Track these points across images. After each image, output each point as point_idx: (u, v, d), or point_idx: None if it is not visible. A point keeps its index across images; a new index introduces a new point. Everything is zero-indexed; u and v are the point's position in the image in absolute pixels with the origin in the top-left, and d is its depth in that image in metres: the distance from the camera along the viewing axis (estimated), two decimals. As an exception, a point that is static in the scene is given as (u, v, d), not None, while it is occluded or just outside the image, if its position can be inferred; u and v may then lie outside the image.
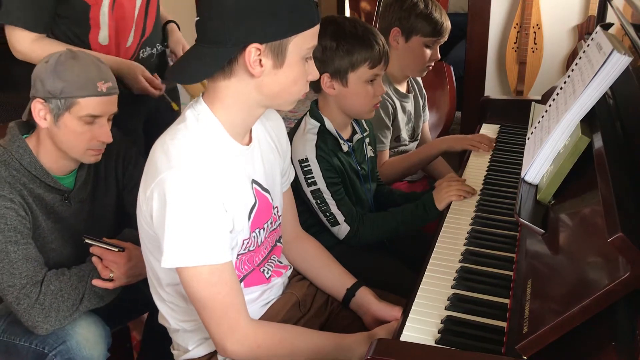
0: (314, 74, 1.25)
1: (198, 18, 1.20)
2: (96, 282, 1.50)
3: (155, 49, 1.97)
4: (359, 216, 1.70)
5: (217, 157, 1.22)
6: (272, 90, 1.21)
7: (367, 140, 1.84)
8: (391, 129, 2.12)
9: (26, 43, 1.74)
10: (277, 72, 1.19)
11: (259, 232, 1.34)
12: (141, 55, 1.92)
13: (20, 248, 1.45)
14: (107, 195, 1.69)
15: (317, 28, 1.21)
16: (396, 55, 2.13)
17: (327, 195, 1.66)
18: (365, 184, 1.80)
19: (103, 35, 1.83)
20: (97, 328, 1.53)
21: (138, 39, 1.90)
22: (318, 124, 1.69)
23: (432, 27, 2.07)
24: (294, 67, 1.20)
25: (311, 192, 1.66)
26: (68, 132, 1.49)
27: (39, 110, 1.48)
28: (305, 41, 1.19)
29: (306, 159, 1.65)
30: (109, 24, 1.82)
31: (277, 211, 1.41)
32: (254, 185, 1.31)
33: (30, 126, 1.57)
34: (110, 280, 1.51)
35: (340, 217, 1.68)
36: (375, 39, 1.64)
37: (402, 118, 2.17)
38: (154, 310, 1.42)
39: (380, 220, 1.72)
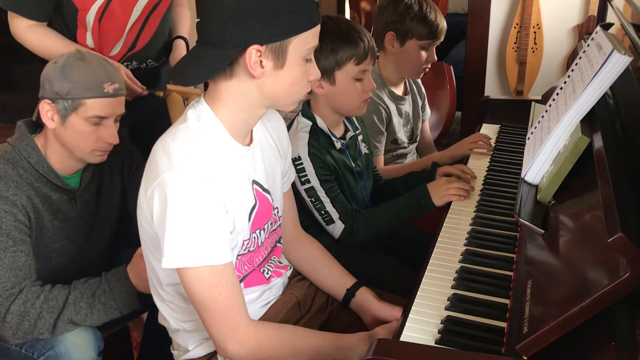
0: (315, 73, 1.26)
1: (198, 20, 1.20)
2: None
3: (145, 64, 1.96)
4: (354, 213, 1.70)
5: (218, 157, 1.22)
6: (273, 91, 1.22)
7: (360, 137, 1.84)
8: (385, 134, 2.11)
9: (20, 28, 1.82)
10: (278, 73, 1.19)
11: (259, 232, 1.34)
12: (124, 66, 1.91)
13: (7, 255, 1.43)
14: (113, 194, 1.69)
15: (317, 28, 1.21)
16: (392, 59, 2.13)
17: (321, 193, 1.66)
18: (360, 181, 1.80)
19: (89, 38, 1.85)
20: (86, 332, 1.51)
21: (125, 51, 1.90)
22: (310, 123, 1.69)
23: (428, 29, 2.05)
24: (295, 67, 1.20)
25: (305, 190, 1.66)
26: (75, 132, 1.49)
27: (46, 111, 1.49)
28: (305, 42, 1.19)
29: (299, 157, 1.65)
30: (93, 31, 1.83)
31: (278, 212, 1.41)
32: (255, 186, 1.31)
33: (38, 125, 1.57)
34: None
35: (335, 215, 1.68)
36: (360, 35, 1.63)
37: (397, 121, 2.17)
38: (154, 311, 1.42)
39: (374, 216, 1.72)
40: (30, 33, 1.82)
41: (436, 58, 2.15)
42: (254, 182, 1.32)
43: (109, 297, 1.49)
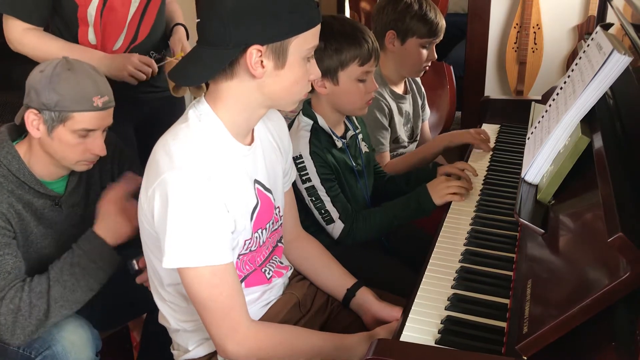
0: (315, 73, 1.26)
1: (199, 20, 1.20)
2: None
3: (147, 56, 1.93)
4: (354, 213, 1.70)
5: (219, 157, 1.22)
6: (273, 91, 1.22)
7: (360, 136, 1.84)
8: (389, 129, 2.11)
9: (17, 32, 1.77)
10: (278, 72, 1.19)
11: (261, 232, 1.34)
12: None
13: None
14: None
15: (318, 28, 1.21)
16: (392, 58, 2.13)
17: (322, 192, 1.66)
18: (360, 180, 1.81)
19: (91, 34, 1.83)
20: (84, 332, 1.50)
21: (127, 43, 1.89)
22: (311, 122, 1.69)
23: (428, 27, 2.06)
24: (296, 67, 1.20)
25: (306, 189, 1.66)
26: (61, 144, 1.47)
27: (32, 120, 1.45)
28: (306, 41, 1.19)
29: (300, 155, 1.65)
30: (95, 25, 1.82)
31: (279, 211, 1.41)
32: (256, 185, 1.31)
33: (22, 130, 1.54)
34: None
35: (334, 214, 1.68)
36: (364, 36, 1.63)
37: (398, 120, 2.17)
38: (154, 311, 1.42)
39: (373, 217, 1.72)
40: (28, 36, 1.77)
41: (436, 56, 2.15)
42: (256, 181, 1.32)
43: (86, 260, 1.46)
